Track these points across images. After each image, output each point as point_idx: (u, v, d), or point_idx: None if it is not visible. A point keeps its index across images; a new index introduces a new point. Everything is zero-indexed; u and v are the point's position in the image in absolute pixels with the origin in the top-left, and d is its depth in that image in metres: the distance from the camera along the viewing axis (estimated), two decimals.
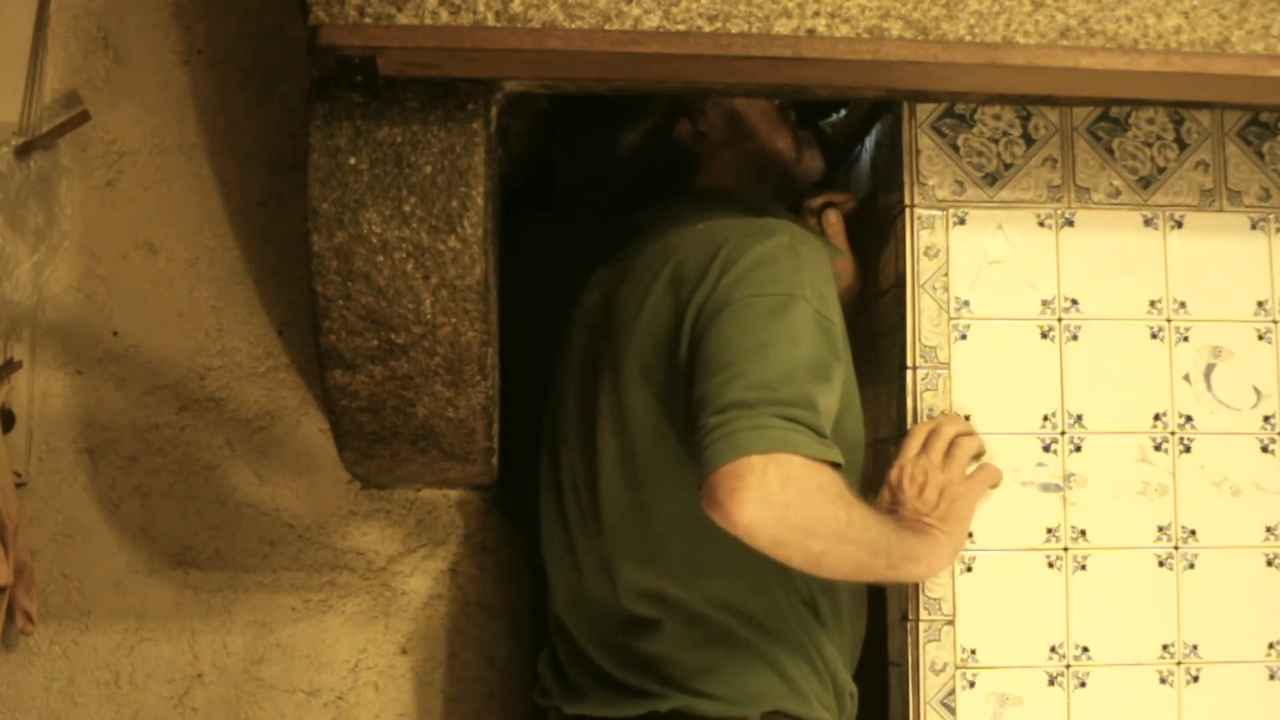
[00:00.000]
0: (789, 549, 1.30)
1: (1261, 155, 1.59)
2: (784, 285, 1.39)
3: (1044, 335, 1.55)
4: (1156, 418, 1.55)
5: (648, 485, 1.48)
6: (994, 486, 1.51)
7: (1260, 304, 1.57)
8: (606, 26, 1.32)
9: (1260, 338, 1.57)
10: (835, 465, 1.33)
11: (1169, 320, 1.56)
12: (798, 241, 1.45)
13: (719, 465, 1.26)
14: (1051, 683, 1.50)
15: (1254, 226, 1.59)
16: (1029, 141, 1.57)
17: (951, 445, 1.49)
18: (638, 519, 1.49)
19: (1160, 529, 1.53)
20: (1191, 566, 1.53)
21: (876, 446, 1.63)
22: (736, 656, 1.45)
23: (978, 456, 1.51)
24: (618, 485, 1.50)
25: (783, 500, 1.26)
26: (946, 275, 1.54)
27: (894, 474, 1.49)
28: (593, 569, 1.55)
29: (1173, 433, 1.55)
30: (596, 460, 1.53)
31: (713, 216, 1.55)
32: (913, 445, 1.49)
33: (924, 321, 1.54)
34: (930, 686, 1.49)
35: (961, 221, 1.56)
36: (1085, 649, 1.51)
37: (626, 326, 1.51)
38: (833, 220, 1.72)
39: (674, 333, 1.44)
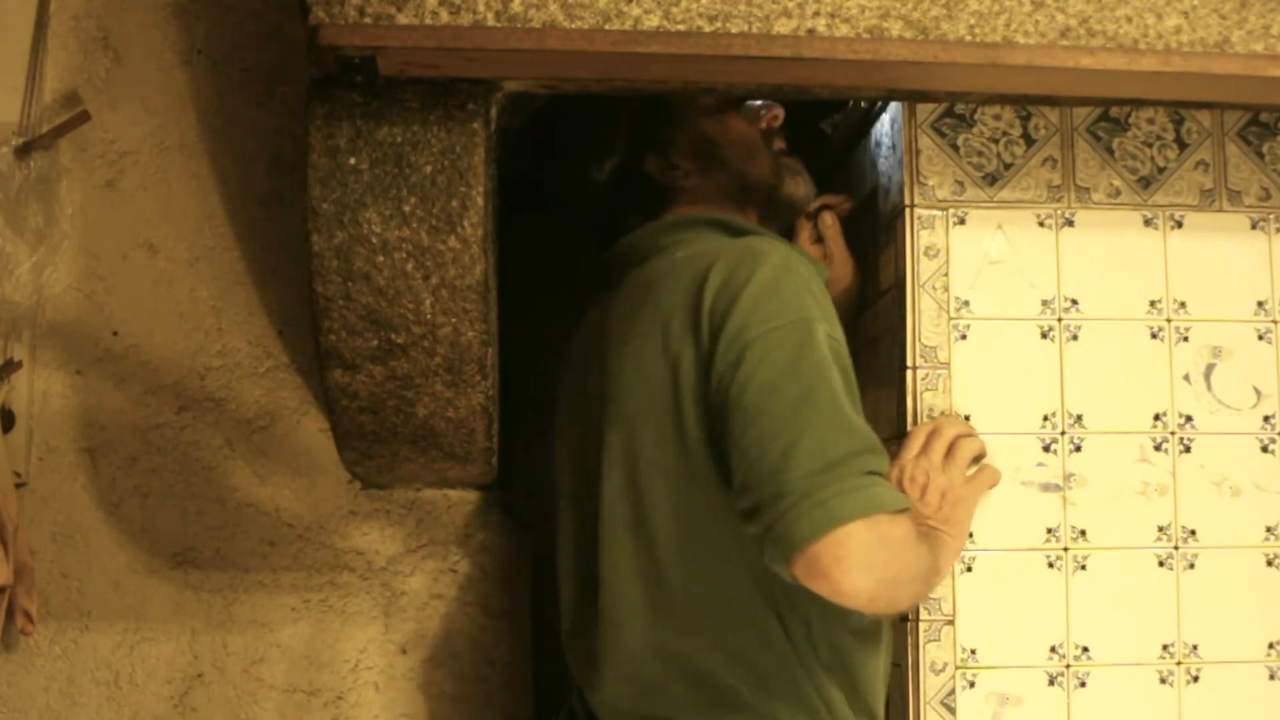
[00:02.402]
0: (880, 603, 1.30)
1: (1261, 155, 1.59)
2: (793, 312, 1.35)
3: (1044, 335, 1.55)
4: (1156, 418, 1.55)
5: (653, 529, 1.42)
6: (992, 487, 1.51)
7: (1260, 304, 1.57)
8: (606, 26, 1.32)
9: (1260, 338, 1.57)
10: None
11: (1169, 320, 1.56)
12: (790, 259, 1.40)
13: (818, 537, 1.25)
14: (1051, 683, 1.50)
15: (1254, 226, 1.59)
16: (1029, 141, 1.57)
17: (952, 446, 1.48)
18: (643, 567, 1.43)
19: (1160, 529, 1.53)
20: (1191, 566, 1.53)
21: None
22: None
23: (978, 458, 1.51)
24: (622, 534, 1.44)
25: (881, 561, 1.27)
26: (946, 275, 1.54)
27: (894, 475, 1.48)
28: (608, 626, 1.47)
29: (1173, 433, 1.55)
30: (600, 505, 1.46)
31: (692, 243, 1.50)
32: (913, 446, 1.49)
33: (924, 321, 1.54)
34: (930, 686, 1.49)
35: (961, 221, 1.55)
36: (1085, 649, 1.51)
37: (615, 367, 1.46)
38: (829, 222, 1.71)
39: (673, 374, 1.39)
